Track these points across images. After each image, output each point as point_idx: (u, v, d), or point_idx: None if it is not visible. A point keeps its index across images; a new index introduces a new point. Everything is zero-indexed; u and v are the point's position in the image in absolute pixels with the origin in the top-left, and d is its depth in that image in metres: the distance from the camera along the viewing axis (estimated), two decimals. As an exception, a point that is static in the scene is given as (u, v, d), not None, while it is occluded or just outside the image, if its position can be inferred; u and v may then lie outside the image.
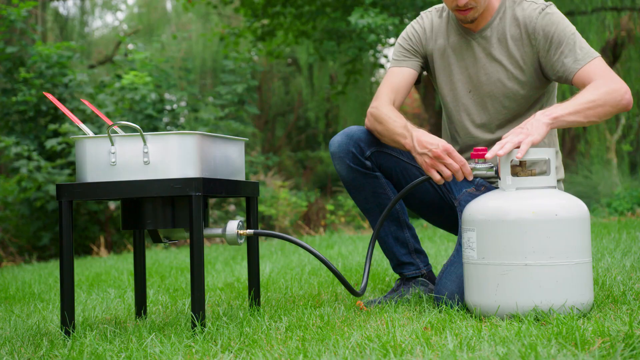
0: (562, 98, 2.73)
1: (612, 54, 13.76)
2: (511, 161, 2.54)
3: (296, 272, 4.08)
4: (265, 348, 2.12)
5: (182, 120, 10.22)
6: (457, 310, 2.58)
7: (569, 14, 13.06)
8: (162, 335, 2.38)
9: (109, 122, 2.65)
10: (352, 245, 6.28)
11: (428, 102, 13.61)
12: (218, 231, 2.68)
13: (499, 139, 2.70)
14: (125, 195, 2.50)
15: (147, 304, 3.25)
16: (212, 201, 9.60)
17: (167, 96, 10.38)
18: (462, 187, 2.98)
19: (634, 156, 14.52)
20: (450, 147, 2.62)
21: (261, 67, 10.88)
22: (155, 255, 6.98)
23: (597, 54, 2.76)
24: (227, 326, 2.45)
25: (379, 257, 4.52)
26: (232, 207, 9.62)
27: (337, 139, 2.95)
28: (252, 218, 2.88)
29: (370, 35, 9.35)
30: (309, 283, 3.59)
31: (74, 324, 2.52)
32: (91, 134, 2.61)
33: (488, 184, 2.95)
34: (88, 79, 9.48)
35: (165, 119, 9.75)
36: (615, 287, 2.88)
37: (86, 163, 2.55)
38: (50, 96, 2.73)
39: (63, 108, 2.69)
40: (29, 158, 8.84)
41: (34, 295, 3.89)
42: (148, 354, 2.13)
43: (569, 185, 11.25)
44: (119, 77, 9.67)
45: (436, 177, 2.65)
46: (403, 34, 3.07)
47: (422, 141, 2.67)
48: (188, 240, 3.12)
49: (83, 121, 8.94)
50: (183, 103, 10.57)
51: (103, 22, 21.23)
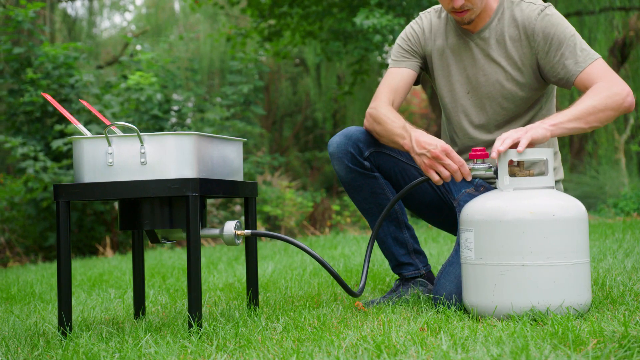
0: (562, 99, 2.71)
1: (620, 54, 13.72)
2: (510, 161, 2.54)
3: (297, 273, 4.08)
4: (259, 348, 2.12)
5: (189, 120, 10.23)
6: (455, 310, 2.58)
7: (577, 14, 13.03)
8: (159, 335, 2.38)
9: (108, 123, 2.65)
10: (356, 245, 6.28)
11: (435, 103, 13.59)
12: (215, 232, 2.68)
13: None
14: (122, 195, 2.50)
15: (147, 304, 3.25)
16: (217, 201, 9.61)
17: (175, 97, 10.39)
18: (462, 188, 2.98)
19: (643, 156, 14.47)
20: (448, 148, 2.62)
21: (267, 68, 10.87)
22: (159, 255, 6.99)
23: (598, 56, 2.75)
24: (224, 327, 2.45)
25: (380, 258, 4.52)
26: (238, 208, 9.63)
27: (336, 140, 2.95)
28: (251, 218, 2.88)
29: (375, 35, 9.34)
30: (309, 283, 3.58)
31: (71, 324, 2.52)
32: (89, 134, 2.62)
33: (487, 185, 2.94)
34: (94, 80, 9.50)
35: (173, 119, 9.76)
36: (615, 288, 2.87)
37: (83, 163, 2.55)
38: (48, 97, 2.73)
39: (61, 108, 2.69)
40: (36, 159, 8.87)
41: (35, 295, 3.90)
42: (143, 354, 2.13)
43: (576, 185, 11.21)
44: (125, 78, 9.68)
45: (435, 178, 2.65)
46: (402, 35, 3.07)
47: (421, 142, 2.67)
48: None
49: (89, 122, 8.96)
50: (191, 104, 10.58)
51: (111, 23, 21.27)
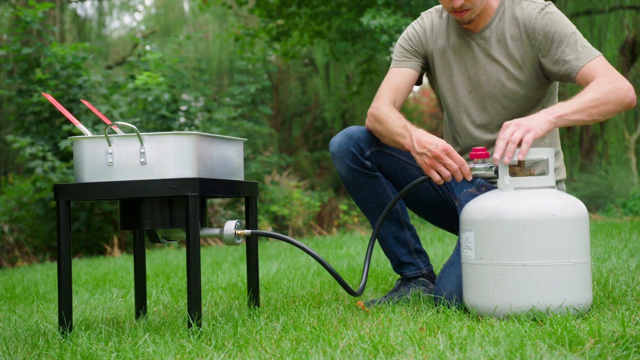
0: (563, 99, 2.70)
1: (631, 53, 13.67)
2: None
3: (301, 273, 4.08)
4: (257, 348, 2.12)
5: (198, 120, 10.24)
6: (455, 310, 2.57)
7: (587, 13, 13.00)
8: (158, 335, 2.38)
9: (108, 122, 2.66)
10: (361, 245, 6.28)
11: (444, 102, 13.60)
12: (216, 231, 2.68)
13: None
14: (122, 195, 2.50)
15: (149, 304, 3.26)
16: (225, 201, 9.61)
17: (185, 97, 10.40)
18: (463, 187, 2.97)
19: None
20: (449, 147, 2.62)
21: (274, 68, 10.87)
22: (165, 254, 7.00)
23: (599, 53, 2.75)
24: (223, 326, 2.45)
25: (383, 258, 4.51)
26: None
27: (337, 139, 2.95)
28: (251, 218, 2.88)
29: (382, 36, 9.33)
30: (312, 283, 3.59)
31: (71, 324, 2.53)
32: (89, 134, 2.62)
33: (489, 184, 2.94)
34: (102, 80, 9.52)
35: (182, 119, 9.77)
36: (617, 288, 2.86)
37: (84, 163, 2.56)
38: (49, 97, 2.74)
39: (61, 108, 2.70)
40: (44, 158, 8.89)
41: (39, 294, 3.91)
42: (140, 354, 2.14)
43: (585, 185, 11.18)
44: (133, 78, 9.70)
45: (436, 177, 2.65)
46: (403, 35, 3.07)
47: (422, 141, 2.67)
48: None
49: (98, 122, 8.99)
50: (200, 104, 10.59)
51: (121, 23, 21.33)
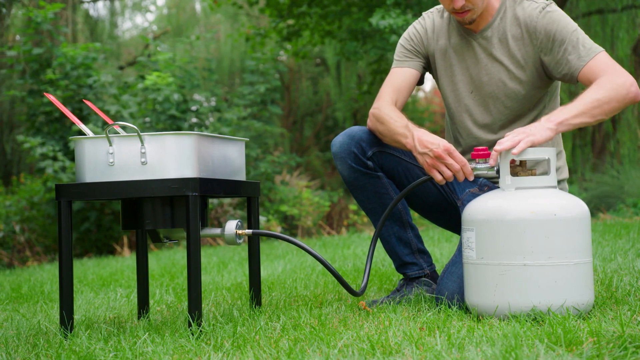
0: (574, 96, 2.70)
1: (643, 53, 13.61)
2: (511, 161, 2.53)
3: (305, 273, 4.08)
4: (256, 348, 2.13)
5: (210, 120, 10.25)
6: (456, 310, 2.57)
7: (599, 12, 12.95)
8: (158, 335, 2.39)
9: (110, 122, 2.66)
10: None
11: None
12: (217, 231, 2.68)
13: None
14: (123, 195, 2.51)
15: (153, 304, 3.27)
16: (235, 201, 9.62)
17: (197, 97, 10.41)
18: (466, 187, 2.97)
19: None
20: (451, 147, 2.61)
21: (284, 67, 10.87)
22: (173, 254, 7.01)
23: (601, 49, 2.73)
24: (223, 326, 2.45)
25: (388, 258, 4.51)
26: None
27: (339, 140, 2.95)
28: (253, 218, 2.88)
29: (392, 36, 9.32)
30: (316, 283, 3.58)
31: (72, 324, 2.53)
32: (91, 134, 2.63)
33: (491, 184, 2.93)
34: (112, 80, 9.54)
35: (193, 119, 9.79)
36: (621, 288, 2.85)
37: (85, 163, 2.57)
38: (51, 97, 2.75)
39: (63, 108, 2.71)
40: (55, 158, 8.92)
41: (44, 294, 3.93)
42: (139, 354, 2.14)
43: (596, 184, 11.13)
44: (143, 78, 9.73)
45: (437, 177, 2.64)
46: (405, 35, 3.07)
47: (423, 140, 2.66)
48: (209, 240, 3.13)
49: (106, 122, 9.00)
50: (213, 103, 10.61)
51: (133, 24, 21.40)
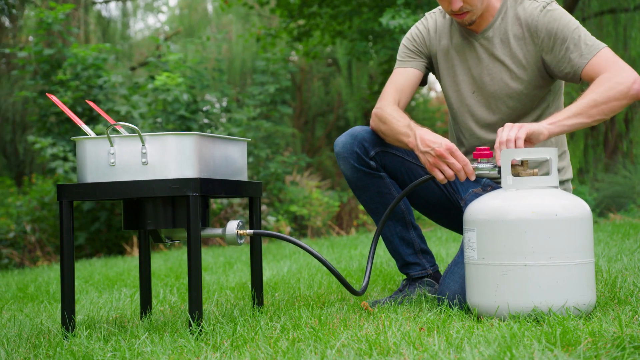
0: (569, 95, 2.70)
1: (656, 52, 13.52)
2: (513, 160, 2.52)
3: (311, 273, 4.08)
4: (254, 348, 2.13)
5: (222, 121, 10.27)
6: (457, 310, 2.56)
7: (611, 12, 12.89)
8: (158, 335, 2.39)
9: (112, 122, 2.67)
10: (378, 245, 6.25)
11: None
12: (218, 231, 2.69)
13: None
14: (123, 195, 2.52)
15: (156, 304, 3.27)
16: (244, 201, 9.63)
17: (209, 97, 10.43)
18: (469, 187, 2.96)
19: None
20: (453, 146, 2.61)
21: (294, 68, 10.87)
22: (181, 254, 7.02)
23: (604, 45, 2.72)
24: (223, 326, 2.46)
25: (391, 257, 4.50)
26: (264, 207, 9.65)
27: (342, 139, 2.95)
28: (255, 218, 2.89)
29: (402, 36, 9.30)
30: (320, 283, 3.58)
31: (74, 324, 2.54)
32: (93, 135, 2.64)
33: (494, 184, 2.92)
34: (122, 80, 9.58)
35: (205, 120, 9.80)
36: (625, 289, 2.84)
37: (86, 163, 2.57)
38: (53, 98, 2.76)
39: (66, 109, 2.72)
40: (65, 159, 8.96)
41: (49, 294, 3.94)
42: (137, 354, 2.15)
43: (608, 185, 11.09)
44: (153, 79, 9.76)
45: (439, 177, 2.64)
46: (407, 35, 3.06)
47: (425, 139, 2.66)
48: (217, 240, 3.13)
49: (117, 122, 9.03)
50: (225, 104, 10.63)
51: (145, 24, 21.45)
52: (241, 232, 2.67)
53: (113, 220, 9.07)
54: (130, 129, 2.55)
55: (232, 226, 2.67)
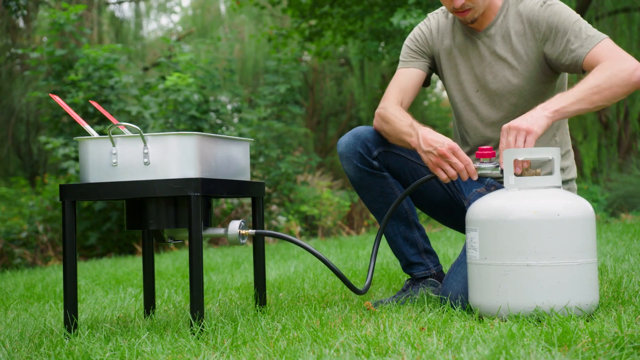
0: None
1: (670, 52, 13.46)
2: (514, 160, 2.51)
3: (317, 273, 4.08)
4: (253, 348, 2.13)
5: (235, 121, 10.28)
6: (460, 310, 2.56)
7: (625, 11, 12.84)
8: (158, 334, 2.40)
9: (115, 122, 2.68)
10: (384, 245, 6.24)
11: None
12: (220, 231, 2.69)
13: None
14: (125, 195, 2.53)
15: (161, 303, 3.28)
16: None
17: (223, 98, 10.45)
18: (472, 187, 2.96)
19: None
20: (455, 146, 2.60)
21: (306, 68, 10.87)
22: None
23: (605, 36, 2.71)
24: (224, 326, 2.46)
25: (396, 257, 4.50)
26: (274, 207, 9.66)
27: (345, 140, 2.95)
28: (258, 218, 2.89)
29: (412, 35, 9.27)
30: (325, 283, 3.58)
31: (76, 323, 2.55)
32: (96, 135, 2.65)
33: (498, 184, 2.91)
34: (134, 81, 9.60)
35: (218, 121, 9.82)
36: (630, 289, 2.82)
37: (89, 164, 2.58)
38: (57, 98, 2.77)
39: (69, 110, 2.73)
40: (77, 159, 8.99)
41: (55, 294, 3.96)
42: (137, 353, 2.15)
43: (621, 184, 11.03)
44: (164, 79, 9.78)
45: (442, 176, 2.64)
46: (410, 36, 3.07)
47: (428, 139, 2.66)
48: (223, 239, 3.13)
49: (128, 122, 9.07)
50: (237, 104, 10.64)
51: (158, 25, 21.51)
52: (243, 232, 2.67)
53: (125, 220, 9.09)
54: (132, 129, 2.56)
55: (234, 226, 2.67)
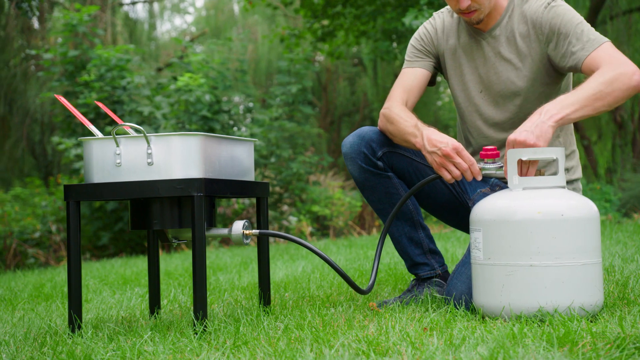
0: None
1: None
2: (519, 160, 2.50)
3: (324, 273, 4.08)
4: (254, 348, 2.13)
5: (247, 122, 10.30)
6: (463, 310, 2.55)
7: (639, 10, 12.77)
8: (161, 334, 2.40)
9: (120, 122, 2.69)
10: (392, 245, 6.24)
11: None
12: (224, 231, 2.70)
13: None
14: (129, 196, 2.53)
15: (167, 303, 3.29)
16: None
17: (236, 99, 10.46)
18: (477, 187, 2.95)
19: None
20: (459, 146, 2.60)
21: (317, 68, 10.88)
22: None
23: (606, 39, 2.70)
24: (227, 326, 2.46)
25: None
26: (286, 208, 9.66)
27: (349, 140, 2.94)
28: (262, 219, 2.89)
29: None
30: (331, 283, 3.58)
31: (80, 323, 2.56)
32: (100, 135, 2.65)
33: (503, 184, 2.91)
34: (146, 81, 9.64)
35: (231, 122, 9.84)
36: (636, 289, 2.81)
37: (93, 164, 2.59)
38: (61, 98, 2.78)
39: (73, 110, 2.74)
40: (88, 159, 9.02)
41: (63, 294, 3.97)
42: (138, 353, 2.16)
43: (634, 184, 10.98)
44: (175, 79, 9.81)
45: (446, 176, 2.63)
46: (415, 35, 3.06)
47: (432, 139, 2.65)
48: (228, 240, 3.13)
49: (140, 123, 9.10)
50: (250, 105, 10.66)
51: (172, 25, 21.57)
52: (247, 232, 2.67)
53: (129, 220, 9.12)
54: (136, 130, 2.56)
55: (238, 226, 2.68)
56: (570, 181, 2.91)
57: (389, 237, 3.07)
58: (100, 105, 2.92)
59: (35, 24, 15.14)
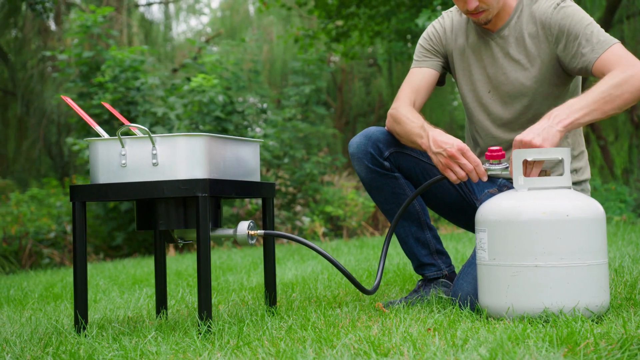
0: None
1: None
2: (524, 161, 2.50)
3: (332, 273, 4.08)
4: (256, 348, 2.13)
5: (261, 123, 10.32)
6: (468, 311, 2.55)
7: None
8: (165, 334, 2.41)
9: (127, 123, 2.70)
10: (399, 246, 6.23)
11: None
12: (229, 232, 2.70)
13: None
14: (134, 196, 2.54)
15: (174, 304, 3.30)
16: (278, 202, 9.67)
17: (251, 100, 10.48)
18: (484, 188, 2.94)
19: None
20: (465, 147, 2.59)
21: (330, 68, 10.88)
22: (212, 254, 7.06)
23: (616, 41, 2.68)
24: (231, 326, 2.47)
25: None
26: (299, 208, 9.67)
27: (356, 140, 2.94)
28: (268, 219, 2.89)
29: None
30: (339, 283, 3.58)
31: (85, 323, 2.57)
32: (106, 136, 2.67)
33: (510, 185, 2.89)
34: (159, 82, 9.67)
35: (245, 123, 9.86)
36: (644, 290, 2.80)
37: (98, 165, 2.60)
38: (68, 100, 2.80)
39: (79, 110, 2.75)
40: (103, 160, 9.06)
41: (72, 294, 3.98)
42: (142, 353, 2.16)
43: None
44: (189, 80, 9.83)
45: (452, 177, 2.63)
46: (424, 34, 3.05)
47: (438, 140, 2.65)
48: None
49: (154, 123, 9.13)
50: (265, 105, 10.68)
51: (187, 26, 21.63)
52: (252, 233, 2.68)
53: (135, 220, 9.15)
54: (141, 131, 2.57)
55: (243, 227, 2.68)
56: (578, 182, 2.90)
57: (396, 238, 3.07)
58: (106, 105, 2.94)
59: (52, 26, 15.23)
